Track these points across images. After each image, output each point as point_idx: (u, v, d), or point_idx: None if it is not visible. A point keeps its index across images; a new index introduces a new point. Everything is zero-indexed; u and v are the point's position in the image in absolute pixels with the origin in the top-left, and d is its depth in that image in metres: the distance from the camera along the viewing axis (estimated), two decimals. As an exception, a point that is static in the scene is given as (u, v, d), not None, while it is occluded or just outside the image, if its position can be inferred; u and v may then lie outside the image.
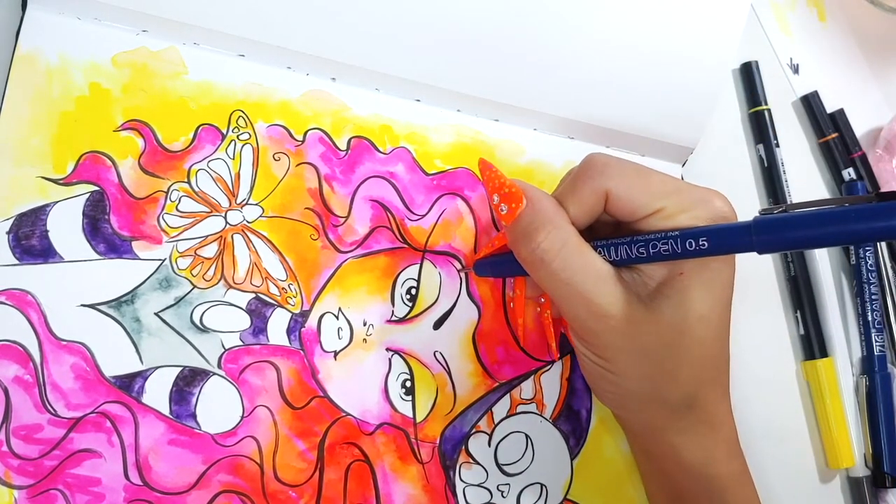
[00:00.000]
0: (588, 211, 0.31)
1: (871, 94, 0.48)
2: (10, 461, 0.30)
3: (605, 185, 0.30)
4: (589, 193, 0.30)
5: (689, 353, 0.31)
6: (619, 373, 0.31)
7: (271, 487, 0.33)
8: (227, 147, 0.34)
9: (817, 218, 0.25)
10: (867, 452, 0.43)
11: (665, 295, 0.30)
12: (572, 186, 0.31)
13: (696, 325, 0.30)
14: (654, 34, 0.39)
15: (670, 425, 0.32)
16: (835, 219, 0.24)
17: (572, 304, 0.30)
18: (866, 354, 0.44)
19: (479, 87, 0.38)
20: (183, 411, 0.32)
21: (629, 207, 0.30)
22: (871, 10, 0.47)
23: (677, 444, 0.32)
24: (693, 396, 0.32)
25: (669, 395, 0.31)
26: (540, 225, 0.30)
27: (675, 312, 0.30)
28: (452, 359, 0.36)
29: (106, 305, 0.32)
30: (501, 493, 0.36)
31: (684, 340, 0.30)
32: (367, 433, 0.34)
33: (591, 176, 0.31)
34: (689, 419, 0.32)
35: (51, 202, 0.32)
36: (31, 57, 0.32)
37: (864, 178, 0.46)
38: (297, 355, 0.34)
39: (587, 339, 0.31)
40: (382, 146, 0.37)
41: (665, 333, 0.30)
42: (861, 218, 0.24)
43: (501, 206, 0.31)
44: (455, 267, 0.37)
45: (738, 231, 0.27)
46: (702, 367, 0.31)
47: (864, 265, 0.44)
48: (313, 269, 0.35)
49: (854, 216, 0.24)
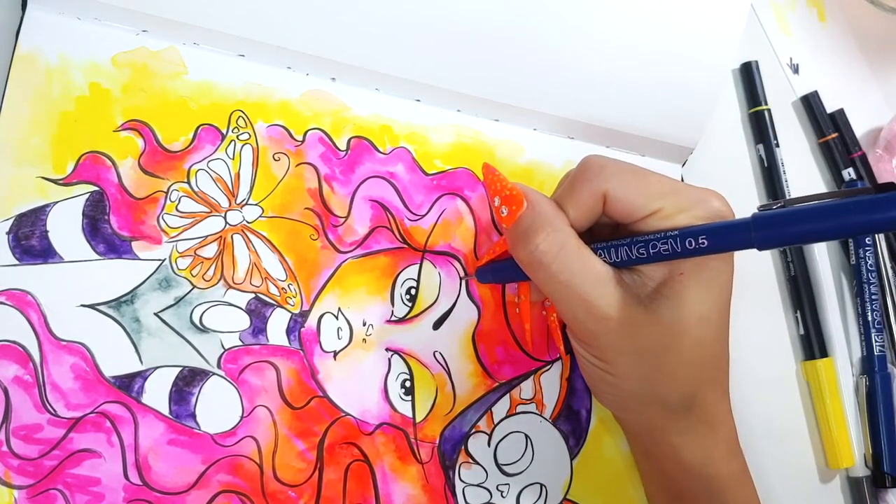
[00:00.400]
0: (587, 213, 0.31)
1: (871, 94, 0.48)
2: (9, 461, 0.30)
3: (603, 187, 0.30)
4: (587, 196, 0.30)
5: (688, 354, 0.30)
6: (619, 374, 0.31)
7: (271, 487, 0.33)
8: (227, 147, 0.34)
9: (816, 212, 0.25)
10: (867, 452, 0.43)
11: (664, 296, 0.30)
12: (570, 189, 0.31)
13: (696, 325, 0.30)
14: (654, 34, 0.39)
15: (670, 426, 0.32)
16: (833, 212, 0.24)
17: (571, 306, 0.30)
18: (866, 354, 0.44)
19: (479, 87, 0.38)
20: (182, 411, 0.32)
21: (627, 209, 0.30)
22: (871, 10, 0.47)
23: (677, 444, 0.32)
24: (692, 397, 0.32)
25: (669, 396, 0.31)
26: (539, 227, 0.30)
27: (674, 313, 0.30)
28: (452, 359, 0.36)
29: (106, 305, 0.32)
30: (501, 493, 0.36)
31: (683, 341, 0.30)
32: (367, 433, 0.34)
33: (588, 178, 0.31)
34: (689, 419, 0.32)
35: (51, 202, 0.32)
36: (31, 57, 0.32)
37: (864, 178, 0.46)
38: (297, 355, 0.34)
39: (586, 341, 0.31)
40: (382, 146, 0.37)
41: (664, 334, 0.30)
42: (860, 210, 0.23)
43: (502, 209, 0.31)
44: (455, 267, 0.37)
45: (738, 228, 0.27)
46: (701, 367, 0.31)
47: (864, 265, 0.44)
48: (313, 269, 0.35)
49: (853, 208, 0.24)
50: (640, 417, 0.33)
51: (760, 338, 0.44)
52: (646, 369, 0.31)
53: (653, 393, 0.31)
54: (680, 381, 0.31)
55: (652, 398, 0.32)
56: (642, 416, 0.33)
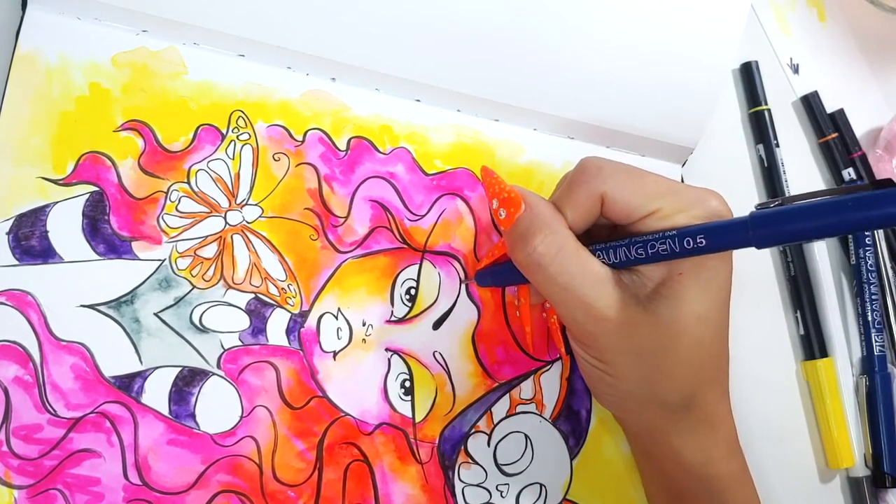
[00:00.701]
0: (584, 214, 0.31)
1: (871, 94, 0.48)
2: (9, 461, 0.30)
3: (601, 189, 0.30)
4: (585, 197, 0.30)
5: (687, 354, 0.30)
6: (618, 375, 0.31)
7: (270, 487, 0.33)
8: (227, 147, 0.34)
9: (814, 209, 0.25)
10: (867, 452, 0.43)
11: (663, 296, 0.30)
12: (568, 191, 0.31)
13: (695, 325, 0.30)
14: (654, 34, 0.39)
15: (670, 426, 0.32)
16: (832, 209, 0.24)
17: (570, 308, 0.30)
18: (866, 354, 0.44)
19: (479, 87, 0.38)
20: (182, 411, 0.32)
21: (625, 210, 0.30)
22: (871, 10, 0.47)
23: (677, 444, 0.32)
24: (692, 397, 0.32)
25: (668, 396, 0.31)
26: (536, 229, 0.30)
27: (672, 313, 0.30)
28: (452, 359, 0.36)
29: (105, 306, 0.32)
30: (500, 494, 0.36)
31: (683, 340, 0.30)
32: (366, 433, 0.34)
33: (585, 180, 0.31)
34: (689, 420, 0.32)
35: (50, 202, 0.32)
36: (31, 57, 0.32)
37: (864, 178, 0.46)
38: (297, 355, 0.34)
39: (585, 342, 0.31)
40: (382, 146, 0.37)
41: (663, 334, 0.30)
42: (858, 207, 0.23)
43: (500, 211, 0.31)
44: (455, 267, 0.37)
45: (736, 227, 0.27)
46: (700, 367, 0.31)
47: (864, 265, 0.44)
48: (313, 269, 0.35)
49: (851, 205, 0.24)
50: (640, 418, 0.33)
51: (760, 338, 0.44)
52: (645, 369, 0.31)
53: (652, 393, 0.31)
54: (679, 381, 0.31)
55: (651, 398, 0.32)
56: (642, 417, 0.33)
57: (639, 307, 0.30)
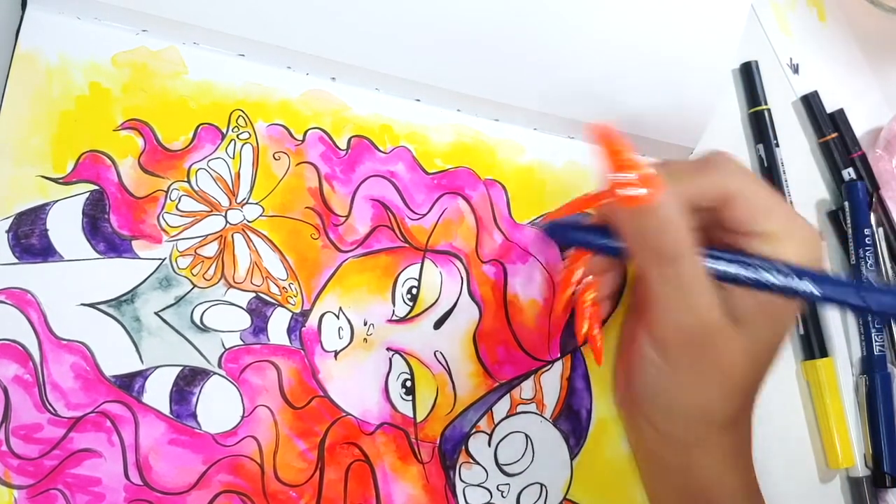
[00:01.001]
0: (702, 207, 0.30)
1: (871, 94, 0.48)
2: (9, 461, 0.30)
3: (730, 186, 0.29)
4: (710, 187, 0.29)
5: (749, 377, 0.31)
6: (685, 384, 0.31)
7: (271, 487, 0.33)
8: (227, 146, 0.34)
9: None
10: (867, 452, 0.43)
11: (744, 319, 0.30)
12: (691, 177, 0.30)
13: (763, 351, 0.31)
14: (655, 34, 0.39)
15: (707, 442, 0.32)
16: None
17: (679, 311, 0.29)
18: (866, 354, 0.44)
19: (479, 87, 0.38)
20: (183, 411, 0.32)
21: (745, 216, 0.29)
22: (871, 10, 0.47)
23: (705, 460, 0.32)
24: (737, 418, 0.32)
25: (720, 415, 0.31)
26: (685, 249, 0.28)
27: (749, 338, 0.30)
28: (453, 359, 0.36)
29: (106, 305, 0.32)
30: (501, 494, 0.36)
31: (750, 365, 0.30)
32: (368, 433, 0.34)
33: (716, 171, 0.30)
34: (727, 438, 0.32)
35: (50, 201, 0.32)
36: (31, 56, 0.32)
37: (864, 177, 0.46)
38: (298, 355, 0.34)
39: (672, 348, 0.30)
40: (382, 145, 0.37)
41: (736, 355, 0.30)
42: None
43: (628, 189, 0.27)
44: (456, 266, 0.37)
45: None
46: (754, 392, 0.32)
47: (864, 265, 0.44)
48: (314, 268, 0.35)
49: None
50: (685, 431, 0.32)
51: (761, 338, 0.44)
52: (713, 384, 0.30)
53: (709, 408, 0.31)
54: (735, 402, 0.31)
55: (704, 413, 0.31)
56: (689, 430, 0.32)
57: (731, 324, 0.29)
